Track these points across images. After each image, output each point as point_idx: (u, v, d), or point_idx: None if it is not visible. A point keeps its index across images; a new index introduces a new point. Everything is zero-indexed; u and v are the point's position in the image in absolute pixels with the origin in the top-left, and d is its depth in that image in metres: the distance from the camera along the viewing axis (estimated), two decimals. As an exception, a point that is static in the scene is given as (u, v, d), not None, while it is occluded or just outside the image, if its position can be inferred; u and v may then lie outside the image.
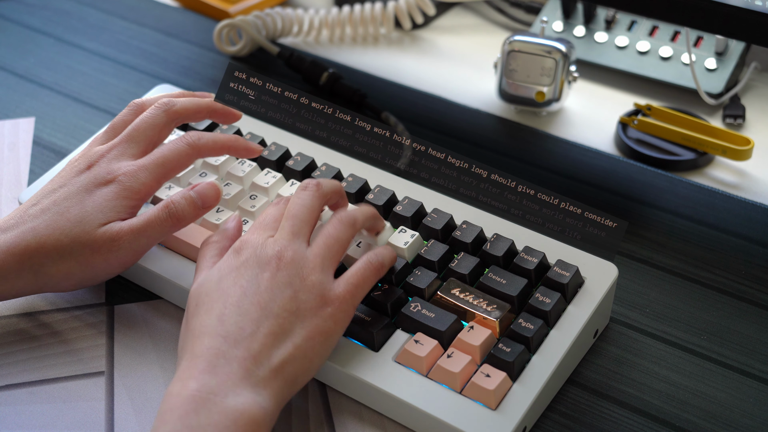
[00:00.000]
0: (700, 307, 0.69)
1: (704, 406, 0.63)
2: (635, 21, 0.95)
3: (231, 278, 0.58)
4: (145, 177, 0.65)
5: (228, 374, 0.54)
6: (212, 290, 0.58)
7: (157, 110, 0.69)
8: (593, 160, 0.82)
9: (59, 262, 0.63)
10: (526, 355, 0.61)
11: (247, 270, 0.59)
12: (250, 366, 0.55)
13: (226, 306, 0.57)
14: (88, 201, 0.64)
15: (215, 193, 0.66)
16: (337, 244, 0.61)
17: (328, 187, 0.65)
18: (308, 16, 0.99)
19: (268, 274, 0.58)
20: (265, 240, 0.60)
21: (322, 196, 0.64)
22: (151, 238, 0.64)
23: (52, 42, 0.98)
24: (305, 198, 0.63)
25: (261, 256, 0.59)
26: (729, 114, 0.88)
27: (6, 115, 0.88)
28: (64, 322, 0.68)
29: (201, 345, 0.55)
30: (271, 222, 0.63)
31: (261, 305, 0.57)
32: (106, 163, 0.66)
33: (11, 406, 0.62)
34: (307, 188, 0.64)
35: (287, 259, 0.59)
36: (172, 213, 0.64)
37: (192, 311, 0.58)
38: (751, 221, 0.76)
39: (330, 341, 0.59)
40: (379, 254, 0.63)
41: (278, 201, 0.65)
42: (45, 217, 0.64)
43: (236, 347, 0.55)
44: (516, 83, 0.86)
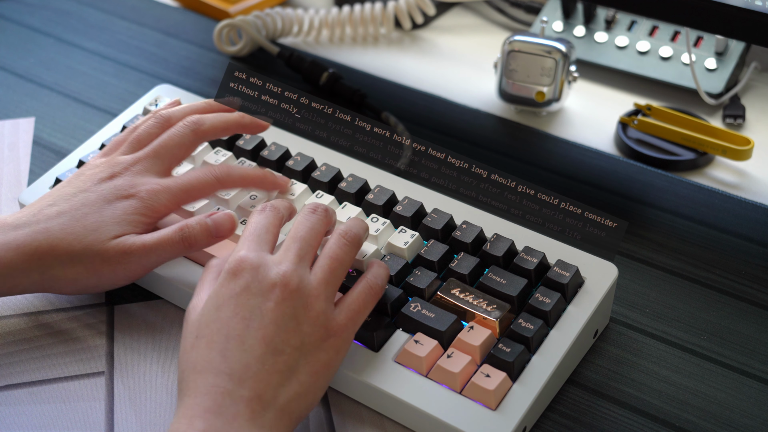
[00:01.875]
0: (700, 307, 0.69)
1: (704, 406, 0.63)
2: (635, 21, 0.95)
3: (231, 308, 0.56)
4: (166, 199, 0.65)
5: (234, 416, 0.53)
6: (212, 321, 0.56)
7: (185, 129, 0.69)
8: (593, 160, 0.82)
9: (68, 266, 0.63)
10: (526, 355, 0.61)
11: (248, 299, 0.56)
12: (256, 407, 0.53)
13: (229, 340, 0.55)
14: (106, 211, 0.64)
15: (231, 225, 0.66)
16: (341, 267, 0.60)
17: (335, 215, 0.65)
18: (308, 16, 0.99)
19: (271, 305, 0.56)
20: (264, 260, 0.58)
21: (329, 222, 0.63)
22: (161, 257, 0.64)
23: (52, 42, 0.98)
24: (315, 222, 0.61)
25: (263, 282, 0.57)
26: (729, 114, 0.88)
27: (6, 115, 0.88)
28: (64, 322, 0.68)
29: (205, 382, 0.54)
30: (264, 234, 0.60)
31: (265, 341, 0.55)
32: (130, 177, 0.66)
33: (11, 406, 0.62)
34: (317, 212, 0.62)
35: (292, 288, 0.57)
36: (185, 237, 0.64)
37: (191, 343, 0.56)
38: (751, 221, 0.76)
39: (332, 372, 0.58)
40: (378, 276, 0.62)
41: (264, 208, 0.63)
42: (60, 219, 0.63)
43: (242, 386, 0.53)
44: (516, 83, 0.86)
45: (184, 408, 0.53)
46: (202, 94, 0.89)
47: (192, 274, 0.67)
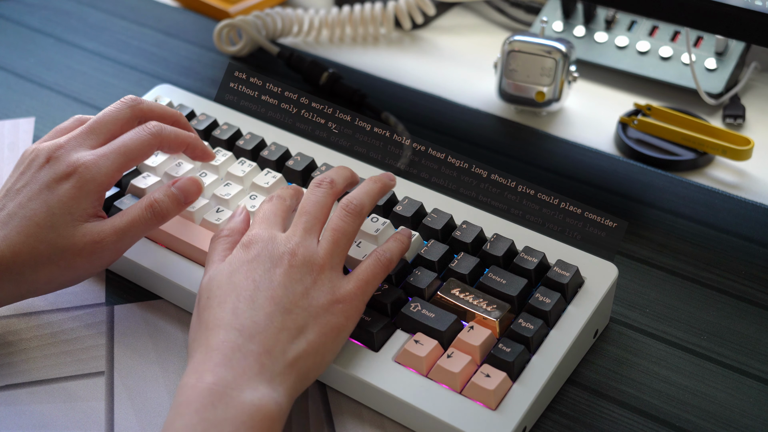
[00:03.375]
0: (700, 307, 0.69)
1: (704, 406, 0.63)
2: (635, 21, 0.95)
3: (243, 272, 0.59)
4: (105, 167, 0.63)
5: (244, 368, 0.54)
6: (224, 283, 0.58)
7: (123, 105, 0.67)
8: (593, 160, 0.82)
9: (39, 268, 0.62)
10: (526, 355, 0.61)
11: (259, 264, 0.59)
12: (266, 361, 0.55)
13: (240, 299, 0.57)
14: (52, 200, 0.62)
15: (197, 188, 0.67)
16: (344, 238, 0.62)
17: (341, 183, 0.66)
18: (308, 16, 0.99)
19: (280, 270, 0.59)
20: (274, 235, 0.61)
21: (335, 193, 0.65)
22: (134, 237, 0.64)
23: (52, 42, 0.98)
24: (320, 195, 0.64)
25: (273, 252, 0.60)
26: (729, 114, 0.88)
27: (6, 115, 0.88)
28: (64, 322, 0.68)
29: (216, 338, 0.55)
30: (272, 217, 0.63)
31: (275, 300, 0.57)
32: (65, 155, 0.64)
33: (11, 406, 0.62)
34: (322, 185, 0.64)
35: (299, 257, 0.59)
36: (156, 211, 0.64)
37: (204, 304, 0.58)
38: (751, 221, 0.76)
39: (341, 336, 0.59)
40: (388, 249, 0.63)
41: (271, 198, 0.65)
42: (14, 223, 0.62)
43: (251, 341, 0.55)
44: (516, 83, 0.86)
45: (193, 363, 0.55)
46: (202, 94, 0.89)
47: (192, 274, 0.67)
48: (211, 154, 0.71)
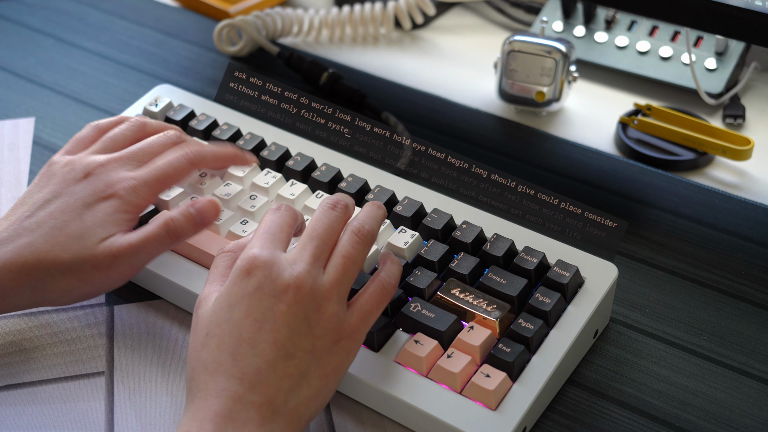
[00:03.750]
0: (700, 307, 0.69)
1: (704, 406, 0.63)
2: (635, 21, 0.95)
3: (243, 308, 0.55)
4: (145, 192, 0.64)
5: (245, 421, 0.52)
6: (223, 321, 0.55)
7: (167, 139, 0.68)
8: (593, 160, 0.83)
9: (59, 278, 0.62)
10: (526, 355, 0.61)
11: (261, 300, 0.55)
12: (267, 413, 0.53)
13: (240, 343, 0.54)
14: (87, 215, 0.63)
15: (215, 211, 0.65)
16: (354, 266, 0.58)
17: (352, 211, 0.63)
18: (308, 16, 0.99)
19: (284, 307, 0.55)
20: (277, 259, 0.57)
21: (348, 218, 0.61)
22: (150, 255, 0.63)
23: (52, 42, 0.98)
24: (333, 219, 0.60)
25: (277, 283, 0.55)
26: (729, 114, 0.88)
27: (6, 115, 0.88)
28: (64, 322, 0.68)
29: (216, 385, 0.53)
30: (278, 232, 0.59)
31: (277, 345, 0.54)
32: (104, 175, 0.65)
33: (11, 406, 0.62)
34: (336, 208, 0.61)
35: (306, 289, 0.56)
36: (171, 230, 0.63)
37: (201, 341, 0.55)
38: (751, 221, 0.76)
39: (341, 375, 0.57)
40: (391, 275, 0.61)
41: (279, 207, 0.61)
42: (42, 231, 0.62)
43: (252, 391, 0.53)
44: (516, 83, 0.86)
45: (194, 410, 0.53)
46: (202, 94, 0.89)
47: (192, 275, 0.67)
48: (252, 159, 0.72)
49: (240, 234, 0.68)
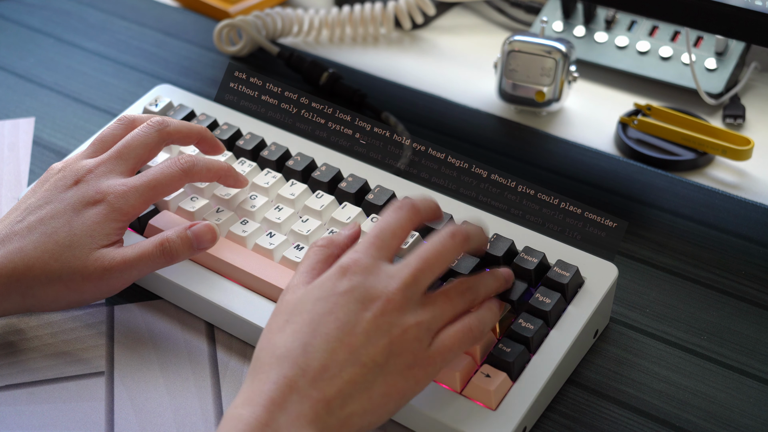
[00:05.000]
0: (700, 307, 0.69)
1: (704, 406, 0.63)
2: (635, 21, 0.95)
3: (330, 304, 0.54)
4: (134, 199, 0.64)
5: (298, 414, 0.51)
6: (305, 311, 0.55)
7: (149, 129, 0.67)
8: (593, 160, 0.82)
9: (48, 285, 0.62)
10: (526, 356, 0.61)
11: (349, 301, 0.54)
12: (321, 411, 0.52)
13: (315, 336, 0.53)
14: (76, 222, 0.63)
15: (211, 237, 0.65)
16: (451, 311, 0.57)
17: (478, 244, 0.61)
18: (308, 16, 0.99)
19: (369, 315, 0.54)
20: (378, 268, 0.56)
21: (465, 249, 0.59)
22: (142, 272, 0.64)
23: (52, 42, 0.98)
24: (449, 249, 0.58)
25: (369, 290, 0.55)
26: (729, 114, 0.88)
27: (6, 115, 0.88)
28: (64, 322, 0.68)
29: (279, 370, 0.52)
30: (389, 239, 0.58)
31: (351, 349, 0.53)
32: (94, 181, 0.65)
33: (11, 406, 0.62)
34: (455, 238, 0.58)
35: (395, 306, 0.55)
36: (165, 251, 0.63)
37: (279, 325, 0.55)
38: (751, 221, 0.76)
39: (404, 401, 0.55)
40: (483, 321, 0.58)
41: (402, 205, 0.59)
42: (32, 237, 0.62)
43: (313, 386, 0.52)
44: (516, 83, 0.86)
45: (250, 391, 0.52)
46: (202, 94, 0.89)
47: (192, 275, 0.67)
48: (244, 182, 0.71)
49: (240, 234, 0.68)
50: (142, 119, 0.69)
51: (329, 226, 0.70)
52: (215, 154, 0.72)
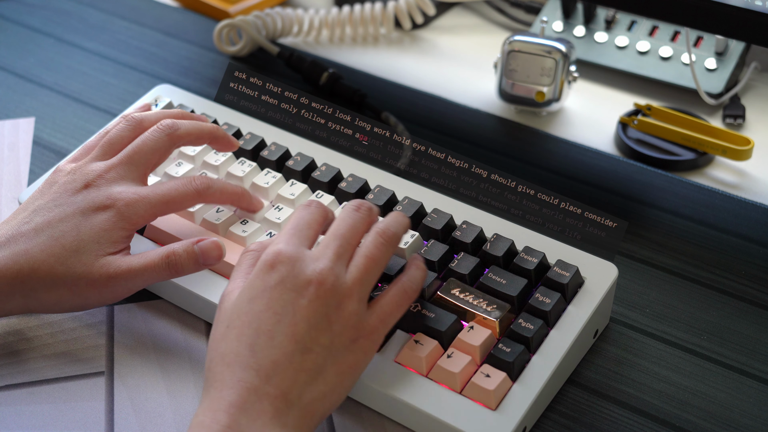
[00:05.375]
0: (700, 307, 0.69)
1: (704, 406, 0.63)
2: (635, 21, 0.95)
3: (264, 301, 0.55)
4: (144, 210, 0.64)
5: (259, 412, 0.52)
6: (243, 312, 0.55)
7: (160, 133, 0.67)
8: (593, 160, 0.83)
9: (52, 289, 0.62)
10: (526, 355, 0.61)
11: (282, 293, 0.55)
12: (281, 405, 0.53)
13: (259, 334, 0.54)
14: (84, 227, 0.63)
15: (218, 253, 0.64)
16: (377, 267, 0.58)
17: (377, 214, 0.62)
18: (308, 16, 0.99)
19: (304, 302, 0.55)
20: (301, 255, 0.57)
21: (372, 220, 0.61)
22: (146, 281, 0.63)
23: (52, 42, 0.98)
24: (357, 220, 0.60)
25: (299, 277, 0.56)
26: (729, 114, 0.88)
27: (6, 115, 0.88)
28: (64, 322, 0.68)
29: (232, 375, 0.53)
30: (305, 229, 0.59)
31: (295, 338, 0.54)
32: (105, 186, 0.64)
33: (11, 406, 0.62)
34: (360, 210, 0.61)
35: (327, 286, 0.56)
36: (171, 264, 0.63)
37: (221, 332, 0.56)
38: (751, 221, 0.76)
39: (358, 373, 0.57)
40: (413, 279, 0.60)
41: (309, 204, 0.61)
42: (39, 239, 0.62)
43: (268, 383, 0.53)
44: (516, 83, 0.86)
45: (209, 400, 0.53)
46: (202, 94, 0.89)
47: (192, 275, 0.67)
48: (259, 205, 0.70)
49: (240, 234, 0.68)
50: (149, 120, 0.69)
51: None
52: (229, 150, 0.72)
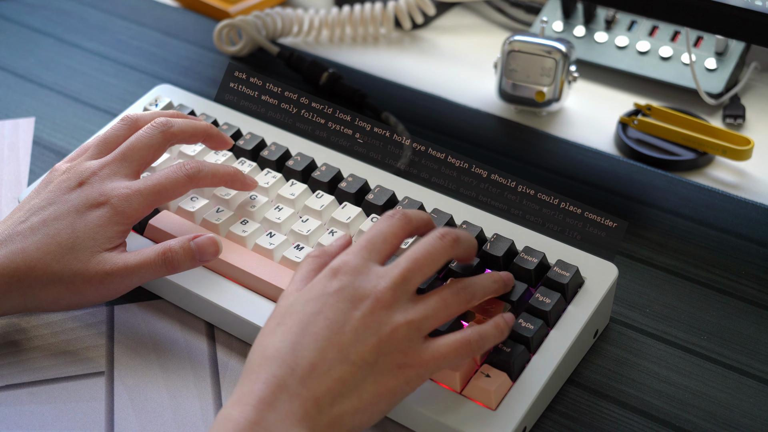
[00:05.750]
0: (700, 307, 0.69)
1: (704, 406, 0.63)
2: (635, 21, 0.95)
3: (319, 305, 0.55)
4: (138, 203, 0.64)
5: (287, 412, 0.51)
6: (296, 312, 0.55)
7: (153, 130, 0.67)
8: (593, 160, 0.83)
9: (49, 287, 0.62)
10: (526, 355, 0.61)
11: (338, 302, 0.55)
12: (311, 409, 0.52)
13: (304, 335, 0.54)
14: (79, 224, 0.63)
15: (214, 249, 0.65)
16: (445, 313, 0.56)
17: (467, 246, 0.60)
18: (308, 16, 0.99)
19: (358, 314, 0.54)
20: (367, 268, 0.56)
21: (455, 252, 0.59)
22: (143, 278, 0.64)
23: (52, 42, 0.98)
24: (438, 250, 0.58)
25: (359, 290, 0.55)
26: (729, 114, 0.88)
27: (6, 115, 0.88)
28: (64, 322, 0.68)
29: (268, 370, 0.53)
30: (380, 243, 0.58)
31: (340, 347, 0.53)
32: (98, 183, 0.65)
33: (11, 406, 0.62)
34: (444, 239, 0.58)
35: (385, 303, 0.55)
36: (167, 261, 0.63)
37: (271, 329, 0.55)
38: (751, 221, 0.76)
39: (395, 401, 0.55)
40: (485, 337, 0.58)
41: (394, 214, 0.59)
42: (35, 237, 0.62)
43: (302, 384, 0.52)
44: (516, 83, 0.86)
45: (240, 392, 0.53)
46: (202, 94, 0.89)
47: (192, 275, 0.67)
48: (252, 184, 0.70)
49: (240, 234, 0.68)
50: (145, 119, 0.69)
51: (329, 226, 0.70)
52: (223, 149, 0.72)
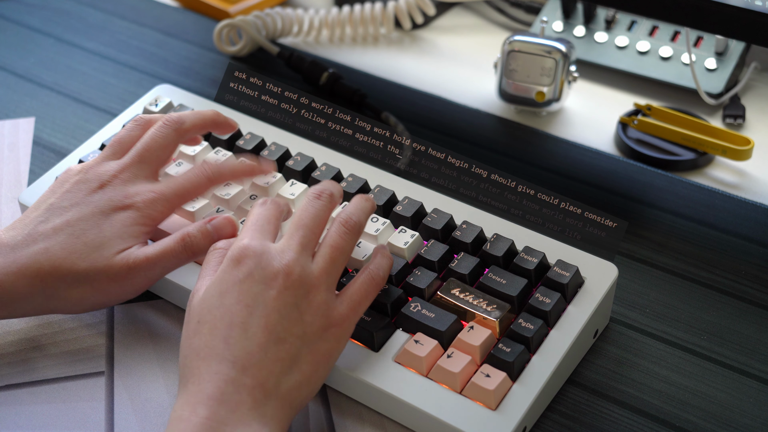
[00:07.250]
0: (700, 307, 0.69)
1: (704, 406, 0.63)
2: (635, 21, 0.95)
3: (235, 294, 0.56)
4: (162, 206, 0.65)
5: (237, 403, 0.53)
6: (214, 307, 0.56)
7: (167, 128, 0.68)
8: (593, 160, 0.83)
9: (73, 286, 0.62)
10: (526, 355, 0.61)
11: (251, 286, 0.56)
12: (259, 396, 0.54)
13: (232, 327, 0.55)
14: (105, 225, 0.63)
15: (231, 228, 0.66)
16: (342, 256, 0.60)
17: (339, 199, 0.63)
18: (308, 16, 0.99)
19: (274, 293, 0.56)
20: (266, 248, 0.58)
21: (333, 208, 0.63)
22: (165, 269, 0.64)
23: (52, 42, 0.98)
24: (318, 208, 0.61)
25: (266, 269, 0.57)
26: (729, 114, 0.88)
27: (6, 115, 0.88)
28: (64, 322, 0.68)
29: (208, 369, 0.54)
30: (266, 225, 0.60)
31: (268, 329, 0.55)
32: (120, 186, 0.65)
33: (11, 406, 0.62)
34: (321, 197, 0.62)
35: (294, 277, 0.57)
36: (187, 246, 0.64)
37: (193, 329, 0.56)
38: (751, 221, 0.76)
39: (332, 361, 0.58)
40: (381, 266, 0.62)
41: (264, 201, 0.62)
42: (59, 238, 0.62)
43: (245, 374, 0.54)
44: (516, 83, 0.86)
45: (187, 394, 0.54)
46: (202, 94, 0.89)
47: (192, 274, 0.67)
48: (270, 169, 0.72)
49: (240, 234, 0.68)
50: (156, 119, 0.70)
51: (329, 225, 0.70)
52: (230, 132, 0.74)
